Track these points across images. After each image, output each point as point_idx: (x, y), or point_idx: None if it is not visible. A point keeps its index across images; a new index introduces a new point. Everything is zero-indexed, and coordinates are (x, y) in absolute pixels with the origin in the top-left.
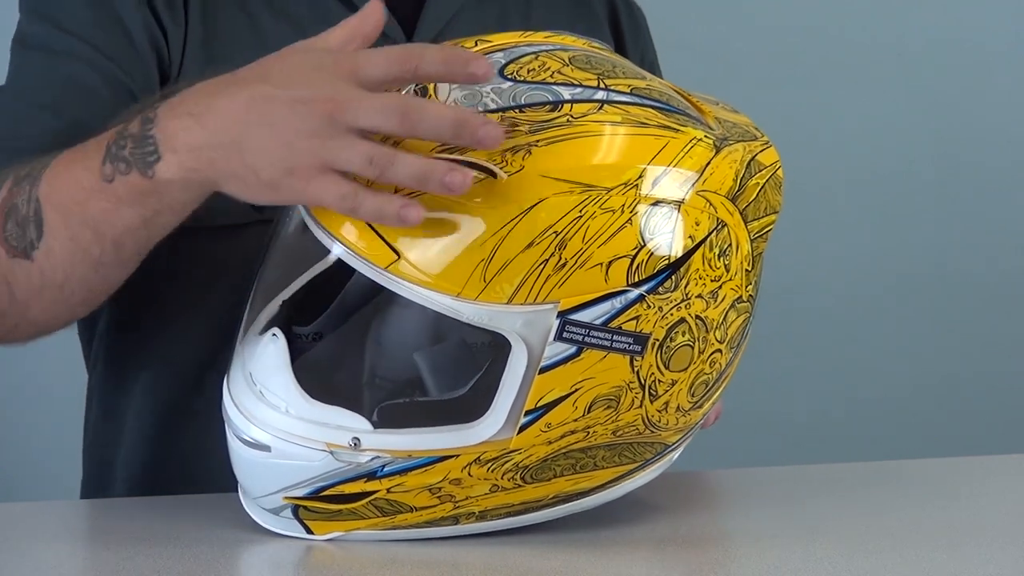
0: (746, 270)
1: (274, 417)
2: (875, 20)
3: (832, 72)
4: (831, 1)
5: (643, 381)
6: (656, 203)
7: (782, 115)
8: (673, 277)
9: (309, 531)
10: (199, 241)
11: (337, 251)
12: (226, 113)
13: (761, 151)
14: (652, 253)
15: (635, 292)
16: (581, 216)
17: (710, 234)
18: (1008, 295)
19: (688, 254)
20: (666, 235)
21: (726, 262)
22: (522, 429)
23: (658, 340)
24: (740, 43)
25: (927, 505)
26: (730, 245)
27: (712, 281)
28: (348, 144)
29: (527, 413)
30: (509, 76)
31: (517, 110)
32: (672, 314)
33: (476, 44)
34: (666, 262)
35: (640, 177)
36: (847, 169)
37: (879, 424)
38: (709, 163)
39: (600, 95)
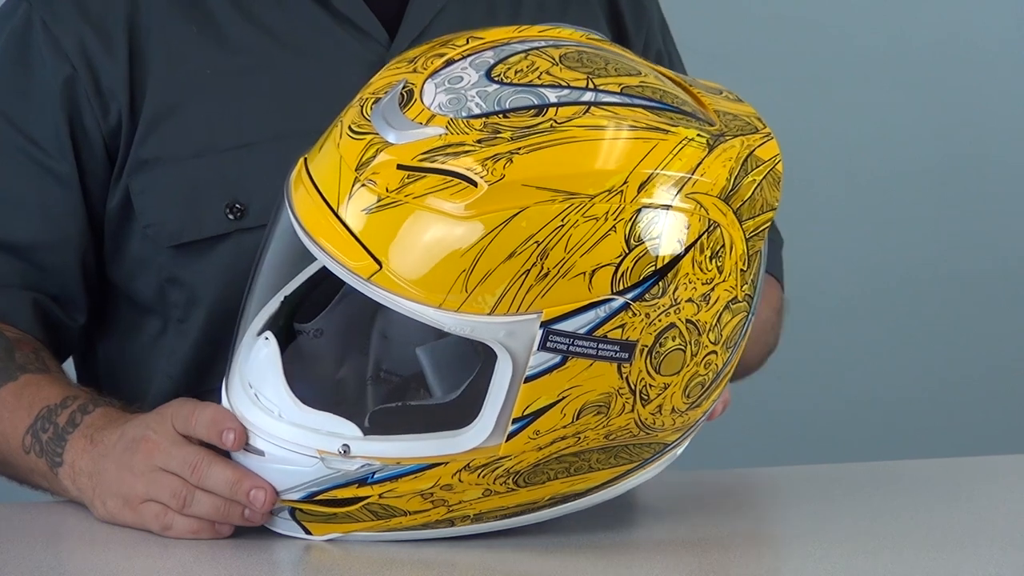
0: (741, 270)
1: (267, 422)
2: (876, 19)
3: (832, 71)
4: (832, 1)
5: (633, 386)
6: (642, 208)
7: (780, 114)
8: (661, 283)
9: (307, 531)
10: (180, 258)
11: (321, 259)
12: (103, 446)
13: (760, 145)
14: (637, 260)
15: (620, 300)
16: (563, 225)
17: (700, 237)
18: (1008, 295)
19: (676, 259)
20: (653, 241)
21: (719, 264)
22: (510, 436)
23: (647, 346)
24: (739, 42)
25: (927, 506)
26: (723, 246)
27: (704, 284)
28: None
29: (515, 421)
30: (496, 78)
31: (501, 115)
32: (660, 320)
33: (468, 41)
34: (652, 268)
35: (625, 183)
36: (847, 168)
37: (879, 424)
38: (700, 163)
39: (588, 96)
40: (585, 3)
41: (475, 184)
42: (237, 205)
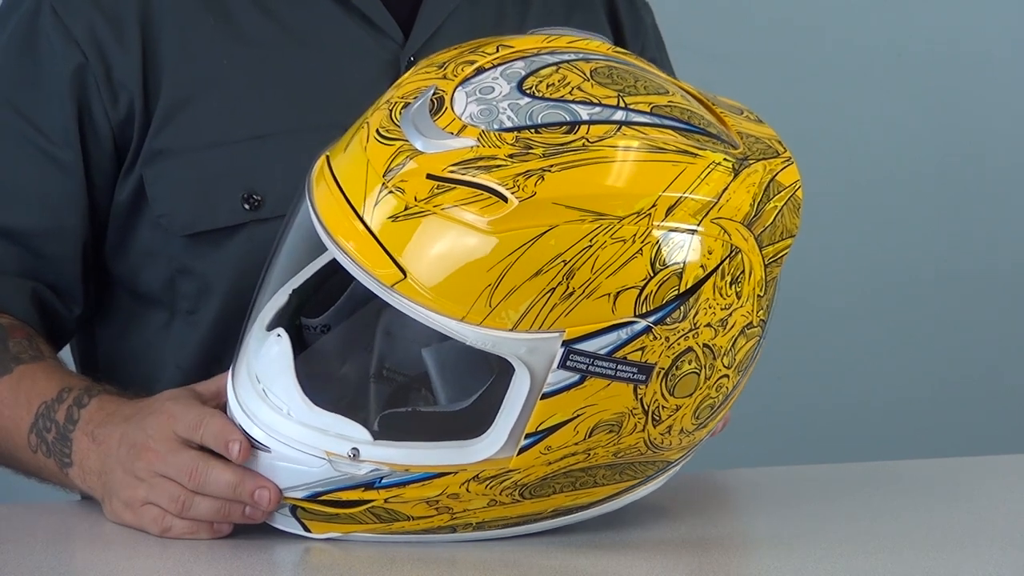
0: (758, 295)
1: (275, 419)
2: (876, 20)
3: (832, 72)
4: (831, 1)
5: (646, 407)
6: (668, 232)
7: (781, 115)
8: (682, 308)
9: (306, 529)
10: (193, 248)
11: (341, 260)
12: (106, 445)
13: (782, 170)
14: (661, 284)
15: (642, 324)
16: (591, 245)
17: (722, 262)
18: (1008, 295)
19: (699, 284)
20: (677, 265)
21: (738, 289)
22: (522, 451)
23: (663, 369)
24: (739, 43)
25: (927, 506)
26: (743, 272)
27: (722, 309)
28: (156, 485)
29: (528, 436)
30: (528, 91)
31: (533, 130)
32: (679, 344)
33: (497, 50)
34: (675, 292)
35: (654, 206)
36: (847, 168)
37: (879, 424)
38: (726, 189)
39: (619, 115)
40: (590, 9)
41: (505, 199)
42: (254, 196)
